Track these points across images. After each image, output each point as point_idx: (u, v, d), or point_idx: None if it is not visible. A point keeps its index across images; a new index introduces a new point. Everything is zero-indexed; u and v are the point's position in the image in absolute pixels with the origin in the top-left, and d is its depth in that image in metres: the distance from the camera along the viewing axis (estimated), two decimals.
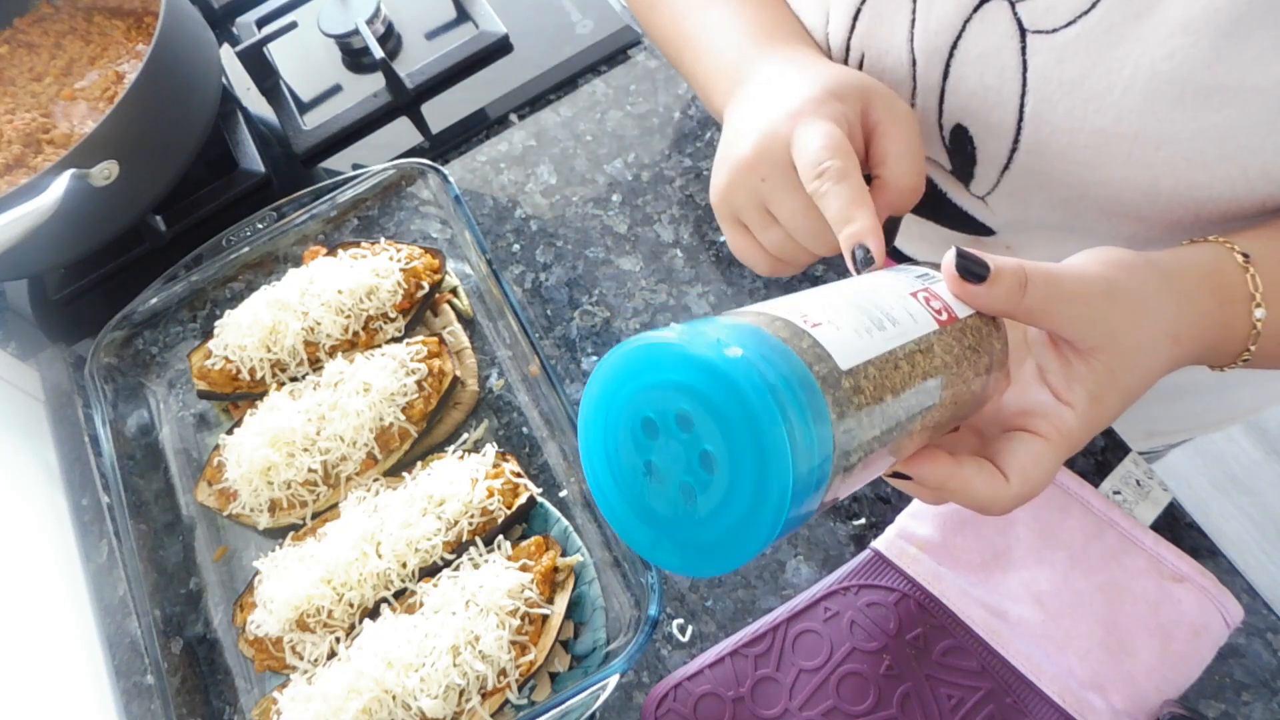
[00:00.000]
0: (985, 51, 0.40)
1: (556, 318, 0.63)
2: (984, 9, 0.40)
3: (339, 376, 0.57)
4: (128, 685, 0.56)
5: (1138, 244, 0.44)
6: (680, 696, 0.47)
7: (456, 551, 0.52)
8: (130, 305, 0.63)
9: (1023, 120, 0.41)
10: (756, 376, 0.24)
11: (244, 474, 0.55)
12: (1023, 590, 0.47)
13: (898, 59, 0.44)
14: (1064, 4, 0.38)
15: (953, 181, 0.49)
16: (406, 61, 0.78)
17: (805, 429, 0.24)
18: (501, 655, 0.47)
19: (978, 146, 0.44)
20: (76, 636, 0.58)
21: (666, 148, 0.69)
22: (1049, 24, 0.38)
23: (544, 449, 0.58)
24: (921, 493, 0.36)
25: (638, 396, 0.27)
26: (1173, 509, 0.50)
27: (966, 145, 0.44)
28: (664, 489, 0.27)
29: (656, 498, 0.27)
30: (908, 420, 0.29)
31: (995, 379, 0.35)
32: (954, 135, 0.44)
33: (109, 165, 0.60)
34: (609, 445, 0.28)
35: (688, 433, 0.26)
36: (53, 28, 0.75)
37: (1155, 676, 0.44)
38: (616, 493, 0.28)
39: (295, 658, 0.51)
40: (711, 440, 0.25)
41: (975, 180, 0.46)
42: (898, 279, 0.34)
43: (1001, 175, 0.44)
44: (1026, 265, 0.33)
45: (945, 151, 0.46)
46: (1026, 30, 0.39)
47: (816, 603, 0.48)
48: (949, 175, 0.48)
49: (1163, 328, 0.34)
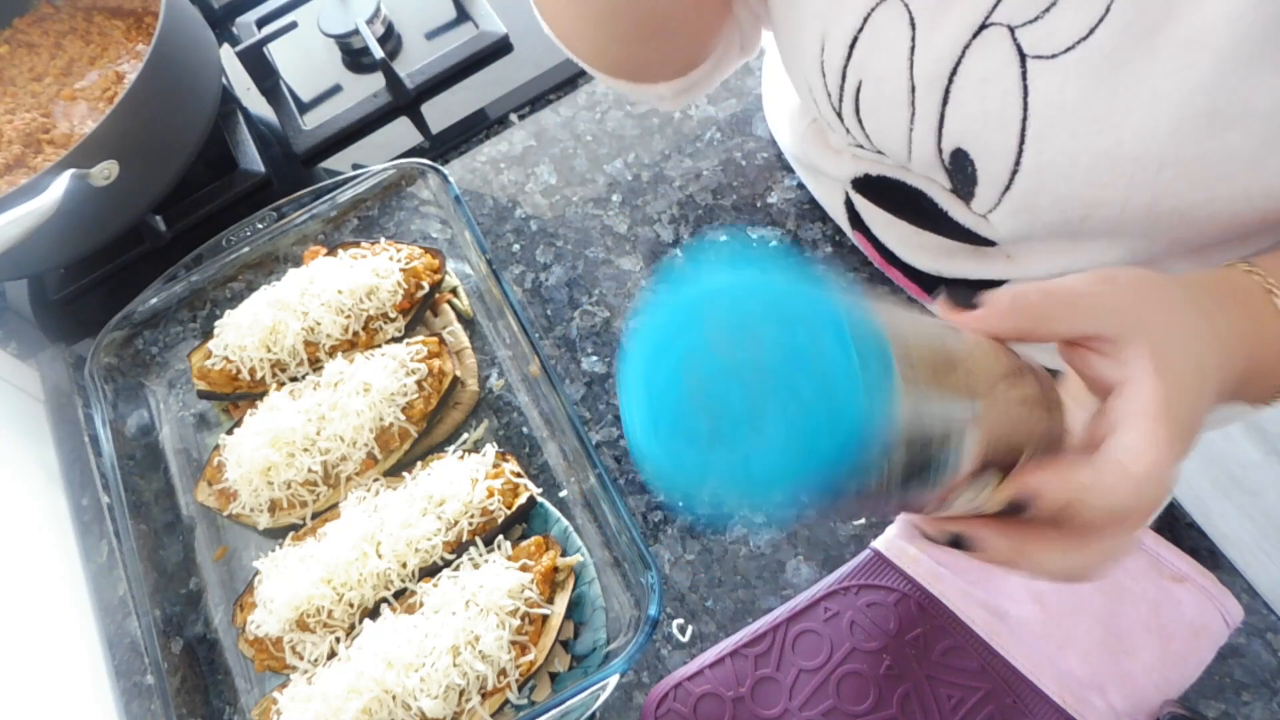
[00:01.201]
0: (985, 77, 0.41)
1: (556, 318, 0.63)
2: (983, 35, 0.40)
3: (339, 376, 0.57)
4: (128, 685, 0.56)
5: (1138, 258, 0.44)
6: (680, 696, 0.47)
7: (456, 551, 0.52)
8: (130, 305, 0.63)
9: (1024, 144, 0.41)
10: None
11: (244, 474, 0.55)
12: (1023, 590, 0.47)
13: (896, 85, 0.44)
14: (1064, 29, 0.38)
15: (953, 199, 0.49)
16: (406, 61, 0.78)
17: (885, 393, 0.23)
18: (501, 655, 0.47)
19: (978, 169, 0.44)
20: (76, 636, 0.58)
21: (666, 148, 0.69)
22: (1049, 49, 0.38)
23: (544, 449, 0.58)
24: (994, 551, 0.31)
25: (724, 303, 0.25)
26: (1173, 509, 0.50)
27: (967, 167, 0.44)
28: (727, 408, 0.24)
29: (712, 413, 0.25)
30: (952, 428, 0.28)
31: (1039, 420, 0.31)
32: (954, 157, 0.45)
33: (109, 165, 0.60)
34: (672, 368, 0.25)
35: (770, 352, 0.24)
36: (53, 28, 0.75)
37: (1155, 676, 0.44)
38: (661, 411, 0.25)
39: (295, 658, 0.51)
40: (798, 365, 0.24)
41: (976, 199, 0.46)
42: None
43: (1003, 195, 0.44)
44: (1018, 286, 0.32)
45: (945, 172, 0.46)
46: (1026, 56, 0.39)
47: (816, 603, 0.48)
48: (949, 194, 0.48)
49: (1192, 312, 0.32)
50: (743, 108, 0.70)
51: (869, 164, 0.53)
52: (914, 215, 0.53)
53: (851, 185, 0.56)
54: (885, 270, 0.59)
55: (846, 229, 0.61)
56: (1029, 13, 0.38)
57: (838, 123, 0.49)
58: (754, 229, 0.64)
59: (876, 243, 0.57)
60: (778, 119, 0.66)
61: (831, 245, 0.63)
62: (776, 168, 0.67)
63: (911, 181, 0.51)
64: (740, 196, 0.66)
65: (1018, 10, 0.39)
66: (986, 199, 0.45)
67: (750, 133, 0.69)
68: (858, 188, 0.56)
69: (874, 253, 0.59)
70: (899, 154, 0.47)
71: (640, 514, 0.56)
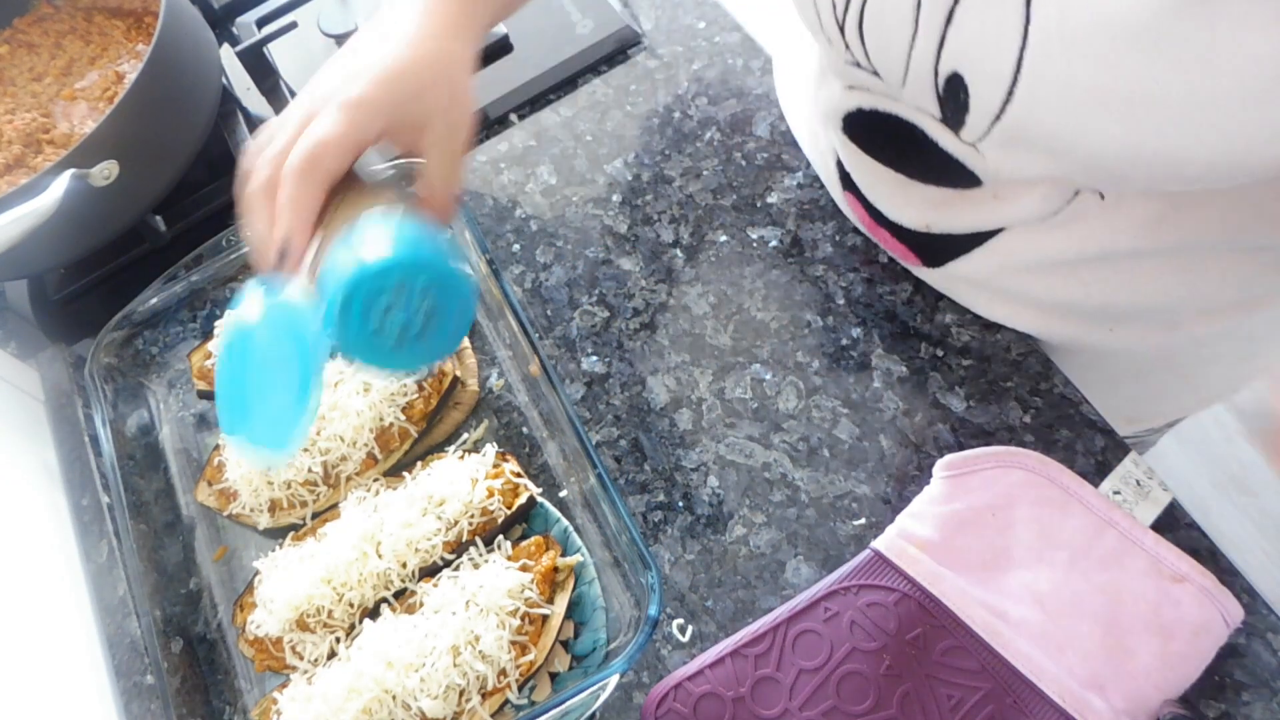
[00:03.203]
0: (991, 1, 0.41)
1: (556, 318, 0.63)
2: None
3: (339, 376, 0.57)
4: (128, 685, 0.56)
5: (1122, 196, 0.46)
6: (680, 696, 0.47)
7: (456, 551, 0.52)
8: (130, 305, 0.63)
9: (1020, 71, 0.41)
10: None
11: (244, 474, 0.55)
12: (1023, 590, 0.47)
13: (901, 1, 0.44)
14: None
15: (942, 129, 0.49)
16: None
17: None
18: (501, 655, 0.47)
19: (971, 94, 0.44)
20: (76, 636, 0.58)
21: (666, 148, 0.69)
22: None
23: (544, 449, 0.58)
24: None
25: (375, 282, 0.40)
26: (1173, 509, 0.50)
27: (960, 93, 0.45)
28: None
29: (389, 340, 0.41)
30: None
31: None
32: (948, 83, 0.45)
33: (109, 165, 0.60)
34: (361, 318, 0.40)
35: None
36: (53, 28, 0.75)
37: (1155, 676, 0.44)
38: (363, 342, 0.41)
39: (295, 658, 0.51)
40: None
41: (966, 128, 0.46)
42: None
43: (993, 124, 0.44)
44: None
45: (937, 100, 0.46)
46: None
47: (816, 603, 0.48)
48: (938, 123, 0.49)
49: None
50: (743, 108, 0.70)
51: (860, 95, 0.53)
52: (901, 157, 0.53)
53: (843, 125, 0.56)
54: (874, 234, 0.60)
55: (837, 194, 0.61)
56: None
57: (839, 37, 0.49)
58: (754, 229, 0.65)
59: (865, 203, 0.57)
60: (781, 72, 0.66)
61: (831, 245, 0.63)
62: (777, 168, 0.67)
63: (902, 114, 0.51)
64: (740, 196, 0.66)
65: None
66: (977, 127, 0.45)
67: (750, 133, 0.69)
68: (848, 128, 0.55)
69: (863, 214, 0.59)
70: (895, 73, 0.47)
71: (640, 514, 0.56)
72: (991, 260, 0.54)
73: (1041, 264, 0.53)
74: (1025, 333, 0.58)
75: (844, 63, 0.51)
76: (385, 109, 0.44)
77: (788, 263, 0.63)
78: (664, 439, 0.58)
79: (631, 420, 0.59)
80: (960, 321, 0.59)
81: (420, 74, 0.45)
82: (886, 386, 0.57)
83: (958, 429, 0.55)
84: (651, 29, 0.76)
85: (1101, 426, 0.54)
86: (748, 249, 0.64)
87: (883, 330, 0.59)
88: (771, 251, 0.63)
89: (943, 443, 0.55)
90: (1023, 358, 0.57)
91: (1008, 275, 0.55)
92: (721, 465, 0.56)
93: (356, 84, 0.44)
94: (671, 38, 0.75)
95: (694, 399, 0.59)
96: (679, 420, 0.58)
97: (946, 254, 0.56)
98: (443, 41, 0.47)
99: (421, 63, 0.46)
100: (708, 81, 0.72)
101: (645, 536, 0.55)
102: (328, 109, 0.43)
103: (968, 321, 0.59)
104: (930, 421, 0.56)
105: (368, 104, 0.44)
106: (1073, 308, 0.55)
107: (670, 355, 0.61)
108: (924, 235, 0.55)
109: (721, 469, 0.56)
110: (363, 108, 0.43)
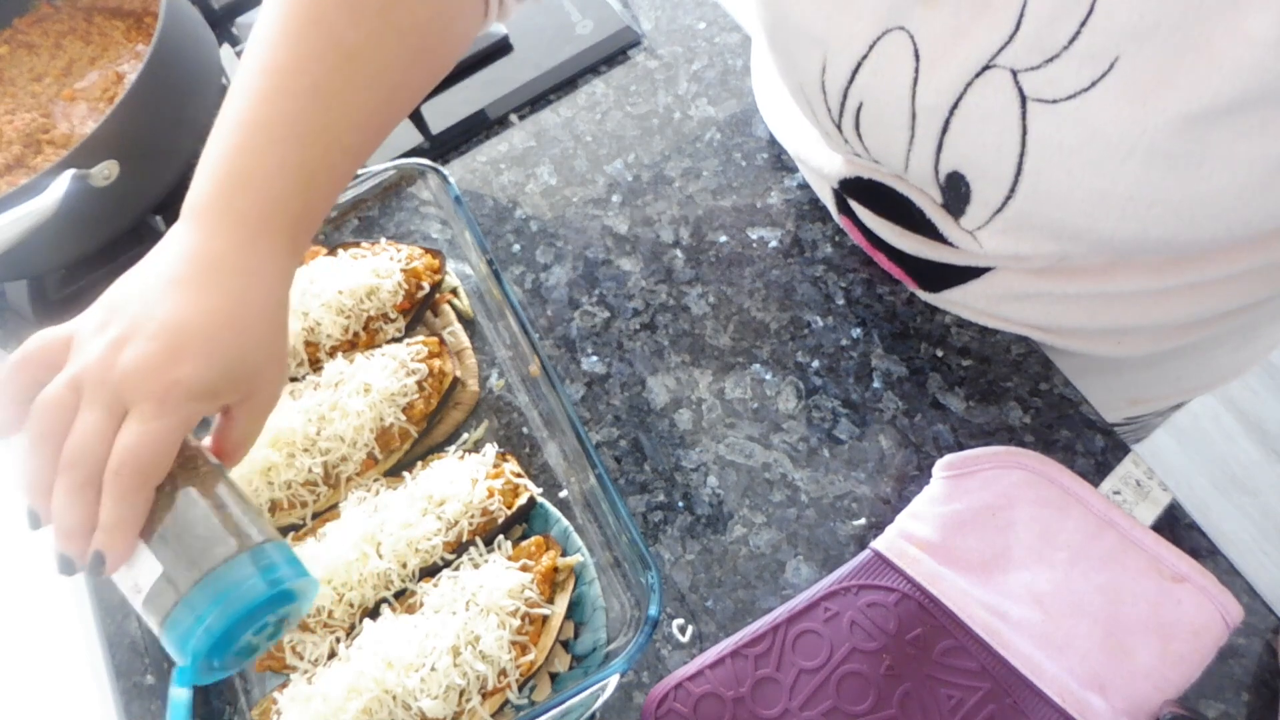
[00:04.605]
0: (986, 114, 0.41)
1: (556, 318, 0.63)
2: (986, 74, 0.41)
3: (339, 377, 0.57)
4: (128, 685, 0.56)
5: (1116, 266, 0.48)
6: (680, 696, 0.47)
7: (457, 551, 0.52)
8: None
9: (1020, 176, 0.42)
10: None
11: (244, 474, 0.55)
12: (1023, 590, 0.47)
13: (897, 110, 0.45)
14: (1067, 79, 0.39)
15: (943, 214, 0.49)
16: None
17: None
18: (502, 655, 0.47)
19: (973, 191, 0.45)
20: (76, 636, 0.58)
21: (666, 148, 0.69)
22: (1050, 95, 0.39)
23: (544, 449, 0.58)
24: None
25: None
26: (1173, 509, 0.50)
27: (961, 187, 0.45)
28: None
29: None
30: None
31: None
32: (950, 178, 0.45)
33: (109, 165, 0.60)
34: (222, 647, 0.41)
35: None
36: (53, 28, 0.75)
37: (1155, 676, 0.44)
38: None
39: (295, 658, 0.51)
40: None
41: (966, 217, 0.47)
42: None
43: (994, 216, 0.45)
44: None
45: (939, 189, 0.47)
46: (1028, 98, 0.40)
47: (816, 603, 0.48)
48: (939, 208, 0.49)
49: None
50: (742, 108, 0.70)
51: (861, 167, 0.53)
52: (901, 219, 0.53)
53: (840, 185, 0.56)
54: (871, 254, 0.60)
55: (834, 215, 0.62)
56: (1033, 60, 0.39)
57: (836, 134, 0.50)
58: (754, 229, 0.65)
59: (863, 228, 0.58)
60: (770, 109, 0.66)
61: (831, 245, 0.63)
62: (776, 168, 0.67)
63: (903, 190, 0.51)
64: (740, 196, 0.66)
65: (1022, 56, 0.40)
66: (976, 218, 0.46)
67: (750, 133, 0.69)
68: (846, 189, 0.56)
69: (860, 237, 0.60)
70: (896, 167, 0.48)
71: (640, 514, 0.56)
72: (991, 289, 0.54)
73: (1042, 296, 0.53)
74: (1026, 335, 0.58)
75: (843, 150, 0.52)
76: (212, 390, 0.39)
77: (787, 263, 0.63)
78: (664, 439, 0.58)
79: (631, 420, 0.59)
80: (960, 322, 0.59)
81: (248, 339, 0.41)
82: (886, 386, 0.57)
83: (957, 429, 0.55)
84: (651, 29, 0.76)
85: (1101, 427, 0.54)
86: (747, 249, 0.64)
87: (882, 330, 0.59)
88: (771, 252, 0.64)
89: (942, 443, 0.55)
90: (1023, 358, 0.57)
91: (1007, 303, 0.55)
92: (721, 465, 0.56)
93: (182, 356, 0.39)
94: (671, 38, 0.75)
95: (694, 399, 0.59)
96: (679, 420, 0.58)
97: (944, 282, 0.56)
98: (273, 285, 0.43)
99: (251, 323, 0.41)
100: (708, 81, 0.72)
101: (645, 536, 0.55)
102: (147, 397, 0.38)
103: (967, 322, 0.59)
104: (930, 422, 0.56)
105: (196, 391, 0.39)
106: (1077, 330, 0.55)
107: (670, 355, 0.61)
108: (922, 261, 0.55)
109: (721, 469, 0.56)
110: (191, 398, 0.38)
